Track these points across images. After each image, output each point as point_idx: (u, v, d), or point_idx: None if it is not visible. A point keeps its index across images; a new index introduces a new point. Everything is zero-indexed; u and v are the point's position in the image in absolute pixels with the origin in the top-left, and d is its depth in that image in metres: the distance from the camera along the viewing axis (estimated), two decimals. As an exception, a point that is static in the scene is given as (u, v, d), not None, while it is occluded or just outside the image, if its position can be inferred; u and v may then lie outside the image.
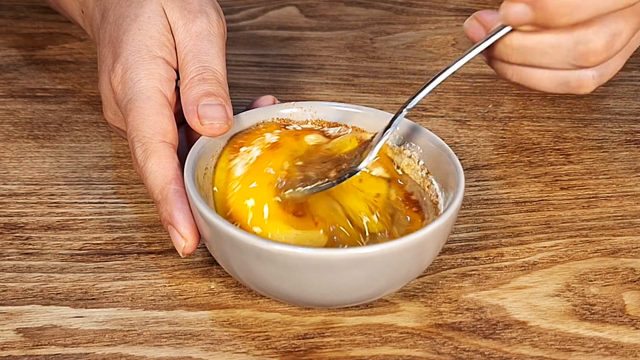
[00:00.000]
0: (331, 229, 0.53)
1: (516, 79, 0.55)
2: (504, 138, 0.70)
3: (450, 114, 0.73)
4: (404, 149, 0.59)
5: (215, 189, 0.56)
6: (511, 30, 0.53)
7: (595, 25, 0.53)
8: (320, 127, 0.60)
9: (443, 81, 0.54)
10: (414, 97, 0.55)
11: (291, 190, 0.54)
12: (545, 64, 0.54)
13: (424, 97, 0.55)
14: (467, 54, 0.54)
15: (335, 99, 0.74)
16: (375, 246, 0.49)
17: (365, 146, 0.56)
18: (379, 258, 0.49)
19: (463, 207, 0.62)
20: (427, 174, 0.57)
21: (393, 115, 0.56)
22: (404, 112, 0.55)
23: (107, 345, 0.51)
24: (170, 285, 0.56)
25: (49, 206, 0.61)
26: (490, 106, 0.74)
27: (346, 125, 0.60)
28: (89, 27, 0.65)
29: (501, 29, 0.53)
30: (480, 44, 0.54)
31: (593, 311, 0.55)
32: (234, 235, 0.49)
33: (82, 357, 0.51)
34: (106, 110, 0.61)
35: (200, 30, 0.58)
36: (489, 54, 0.56)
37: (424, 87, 0.55)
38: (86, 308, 0.54)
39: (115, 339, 0.52)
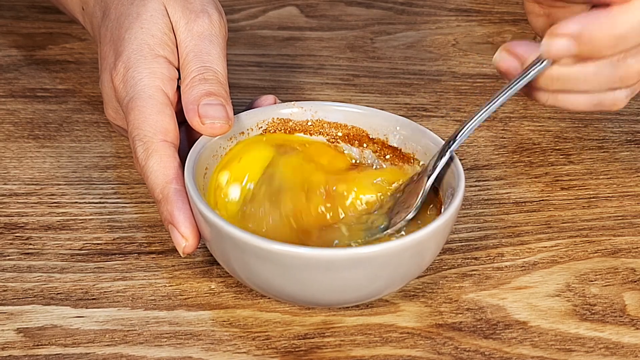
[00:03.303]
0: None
1: (551, 103, 0.55)
2: (505, 138, 0.70)
3: (450, 114, 0.73)
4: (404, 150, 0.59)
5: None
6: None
7: (633, 49, 0.53)
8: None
9: (483, 120, 0.54)
10: (455, 138, 0.54)
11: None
12: (583, 89, 0.54)
13: (466, 138, 0.54)
14: (506, 91, 0.54)
15: (335, 99, 0.74)
16: (375, 246, 0.49)
17: (407, 188, 0.56)
18: (379, 258, 0.49)
19: (463, 207, 0.62)
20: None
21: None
22: (447, 154, 0.54)
23: (108, 345, 0.51)
24: (171, 285, 0.56)
25: (49, 206, 0.61)
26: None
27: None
28: (89, 24, 0.65)
29: (540, 62, 0.53)
30: (519, 82, 0.53)
31: (593, 311, 0.55)
32: (234, 235, 0.49)
33: (82, 357, 0.51)
34: (107, 108, 0.61)
35: (202, 30, 0.58)
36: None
37: (464, 126, 0.54)
38: (87, 308, 0.54)
39: (116, 339, 0.52)
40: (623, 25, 0.51)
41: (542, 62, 0.53)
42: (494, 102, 0.54)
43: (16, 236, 0.59)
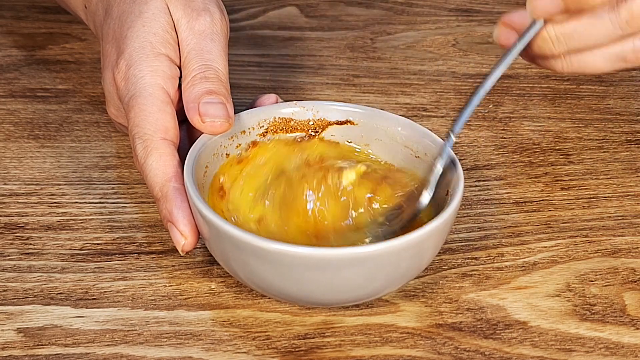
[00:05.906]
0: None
1: (568, 69, 0.53)
2: (505, 138, 0.70)
3: (451, 114, 0.73)
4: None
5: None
6: (545, 24, 0.51)
7: None
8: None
9: (484, 97, 0.53)
10: (457, 121, 0.54)
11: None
12: (592, 44, 0.51)
13: (468, 119, 0.54)
14: (503, 62, 0.52)
15: (335, 99, 0.74)
16: (374, 245, 0.49)
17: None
18: (378, 257, 0.49)
19: (463, 207, 0.62)
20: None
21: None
22: (452, 138, 0.54)
23: (108, 345, 0.51)
24: (171, 285, 0.56)
25: (49, 206, 0.61)
26: (490, 106, 0.74)
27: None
28: (92, 22, 0.65)
29: (533, 26, 0.51)
30: (515, 48, 0.52)
31: (593, 311, 0.55)
32: (233, 234, 0.49)
33: (82, 357, 0.51)
34: (109, 105, 0.61)
35: (204, 29, 0.58)
36: (530, 54, 0.54)
37: (466, 107, 0.53)
38: (87, 308, 0.54)
39: (116, 339, 0.52)
40: None
41: (534, 25, 0.51)
42: (492, 75, 0.53)
43: (16, 236, 0.59)
